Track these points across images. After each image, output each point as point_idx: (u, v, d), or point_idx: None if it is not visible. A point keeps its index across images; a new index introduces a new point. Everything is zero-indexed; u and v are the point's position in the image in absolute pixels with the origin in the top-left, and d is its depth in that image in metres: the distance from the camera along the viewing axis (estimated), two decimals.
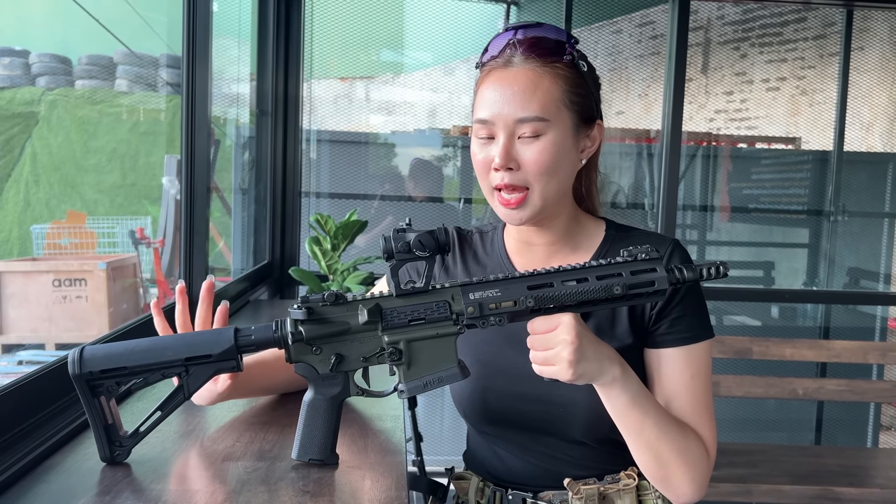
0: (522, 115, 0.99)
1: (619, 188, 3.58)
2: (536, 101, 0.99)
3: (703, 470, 1.02)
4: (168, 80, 9.91)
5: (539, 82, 1.00)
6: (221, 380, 1.03)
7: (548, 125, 1.00)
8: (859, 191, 3.65)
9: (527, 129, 1.00)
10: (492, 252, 1.16)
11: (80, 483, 0.88)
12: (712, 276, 0.94)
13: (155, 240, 6.24)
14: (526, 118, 0.99)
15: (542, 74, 1.01)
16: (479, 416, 1.12)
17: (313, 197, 3.28)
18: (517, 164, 1.00)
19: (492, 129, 1.02)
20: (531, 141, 1.00)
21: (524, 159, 1.00)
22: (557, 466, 1.10)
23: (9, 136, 9.79)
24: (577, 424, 1.06)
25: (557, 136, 1.01)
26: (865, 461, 2.72)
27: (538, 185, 1.01)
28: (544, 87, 1.00)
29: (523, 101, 0.99)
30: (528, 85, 1.00)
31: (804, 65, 4.69)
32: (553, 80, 1.01)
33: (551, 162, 1.00)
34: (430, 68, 4.47)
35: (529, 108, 0.99)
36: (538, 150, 1.00)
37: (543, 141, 1.00)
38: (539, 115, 0.99)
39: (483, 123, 1.02)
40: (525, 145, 1.00)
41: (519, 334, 1.03)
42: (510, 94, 1.00)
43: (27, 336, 4.97)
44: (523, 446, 1.11)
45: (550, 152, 1.00)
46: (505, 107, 1.00)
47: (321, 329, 0.91)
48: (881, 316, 3.64)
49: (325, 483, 0.90)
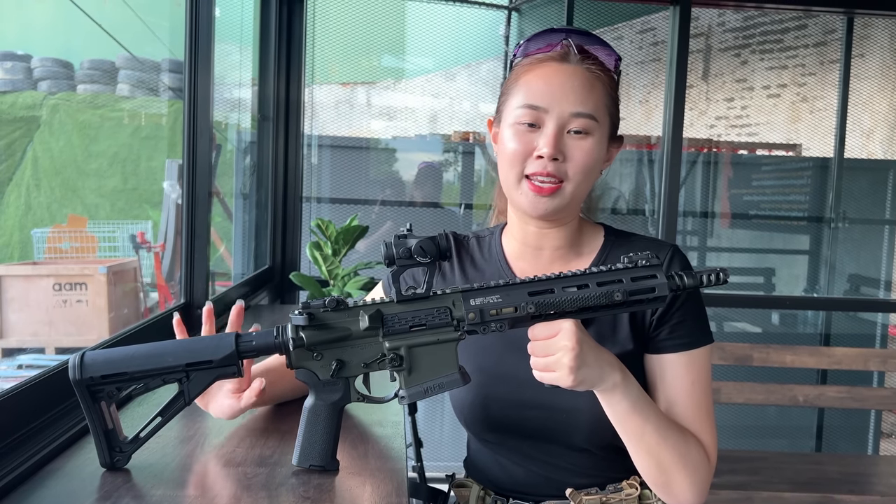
0: (579, 108, 1.01)
1: (619, 194, 3.58)
2: (592, 100, 1.02)
3: (704, 475, 1.03)
4: (170, 85, 9.94)
5: (595, 84, 1.03)
6: (246, 396, 1.01)
7: (596, 126, 1.03)
8: (860, 198, 3.65)
9: (578, 124, 1.02)
10: (490, 257, 1.15)
11: (80, 488, 0.87)
12: (712, 283, 0.95)
13: (156, 244, 6.24)
14: (582, 113, 1.01)
15: (598, 77, 1.04)
16: (481, 425, 1.11)
17: (314, 202, 3.28)
18: (563, 156, 1.02)
19: (541, 117, 1.02)
20: (580, 137, 1.02)
21: (571, 153, 1.02)
22: (559, 475, 1.10)
23: (10, 140, 9.80)
24: (579, 431, 1.06)
25: (599, 140, 1.04)
26: (866, 468, 2.72)
27: (574, 181, 1.03)
28: (599, 89, 1.04)
29: (582, 97, 1.02)
30: (587, 83, 1.03)
31: (805, 72, 4.69)
32: (603, 86, 1.04)
33: (592, 161, 1.03)
34: (431, 74, 4.48)
35: (586, 105, 1.02)
36: (586, 149, 1.02)
37: (590, 140, 1.03)
38: (593, 113, 1.02)
39: (533, 109, 1.02)
40: (573, 140, 1.02)
41: (520, 341, 1.02)
42: (569, 87, 1.02)
43: (27, 340, 4.97)
44: (525, 454, 1.11)
45: (594, 153, 1.03)
46: (563, 98, 1.01)
47: (322, 335, 0.91)
48: (882, 323, 3.63)
49: (326, 489, 0.90)
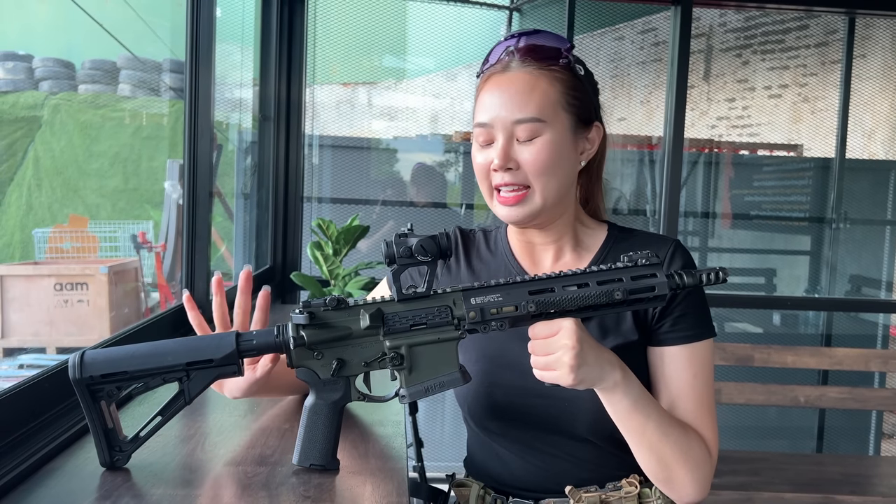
0: (519, 115, 1.01)
1: (620, 194, 3.58)
2: (533, 102, 1.01)
3: (706, 470, 1.03)
4: (171, 85, 9.95)
5: (536, 84, 1.02)
6: (261, 365, 1.00)
7: (545, 126, 1.01)
8: (861, 198, 3.64)
9: (524, 130, 1.01)
10: (496, 251, 1.16)
11: (80, 487, 0.87)
12: (711, 282, 0.95)
13: (157, 244, 6.25)
14: (523, 119, 1.01)
15: (539, 77, 1.02)
16: (484, 412, 1.11)
17: (315, 202, 3.28)
18: (516, 163, 1.02)
19: (490, 133, 1.03)
20: (529, 142, 1.01)
21: (523, 159, 1.02)
22: (560, 468, 1.10)
23: (12, 140, 9.81)
24: (582, 420, 1.06)
25: (555, 137, 1.02)
26: (867, 469, 2.72)
27: (538, 184, 1.02)
28: (541, 88, 1.02)
29: (520, 103, 1.01)
30: (525, 87, 1.01)
31: (806, 72, 4.69)
32: (550, 83, 1.02)
33: (549, 161, 1.01)
34: (432, 74, 4.48)
35: (526, 110, 1.01)
36: (536, 150, 1.01)
37: (540, 141, 1.01)
38: (536, 115, 1.01)
39: (482, 127, 1.04)
40: (523, 146, 1.02)
41: (524, 329, 1.03)
42: (507, 96, 1.02)
43: (28, 340, 4.98)
44: (527, 445, 1.11)
45: (548, 152, 1.01)
46: (502, 109, 1.01)
47: (323, 334, 0.91)
48: (883, 323, 3.63)
49: (326, 488, 0.89)
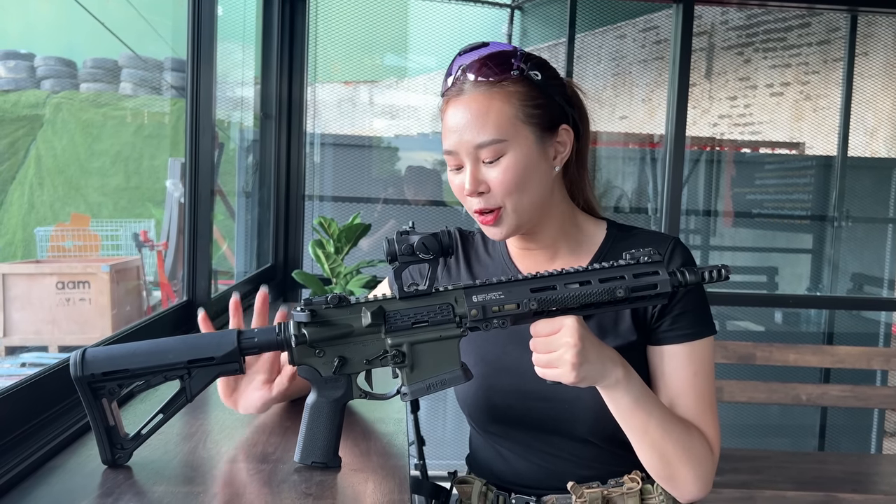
0: (479, 140, 1.00)
1: (622, 192, 3.58)
2: (490, 123, 1.00)
3: (708, 467, 1.03)
4: (172, 84, 9.95)
5: (490, 105, 1.01)
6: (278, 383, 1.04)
7: (507, 145, 1.00)
8: (863, 196, 3.64)
9: (487, 153, 1.00)
10: (494, 253, 1.17)
11: (81, 485, 0.88)
12: (714, 280, 0.95)
13: (158, 242, 6.26)
14: (483, 143, 1.00)
15: (492, 96, 1.01)
16: (484, 416, 1.12)
17: (317, 200, 3.28)
18: (486, 186, 1.01)
19: (458, 159, 1.03)
20: (493, 164, 1.01)
21: (491, 182, 1.01)
22: (562, 466, 1.10)
23: (13, 139, 9.82)
24: (582, 422, 1.06)
25: (519, 153, 1.01)
26: (869, 467, 2.71)
27: (509, 202, 1.02)
28: (496, 108, 1.01)
29: (478, 127, 1.00)
30: (480, 109, 1.01)
31: (808, 70, 4.68)
32: (504, 99, 1.01)
33: (517, 179, 1.01)
34: (433, 72, 4.47)
35: (485, 133, 1.00)
36: (502, 171, 1.01)
37: (505, 161, 1.01)
38: (495, 137, 1.00)
39: (449, 154, 1.04)
40: (490, 168, 1.01)
41: (523, 333, 1.03)
42: (465, 121, 1.01)
43: (30, 338, 4.99)
44: (528, 446, 1.11)
45: (514, 170, 1.01)
46: (463, 135, 1.01)
47: (324, 331, 0.91)
48: (885, 322, 3.63)
49: (328, 486, 0.90)
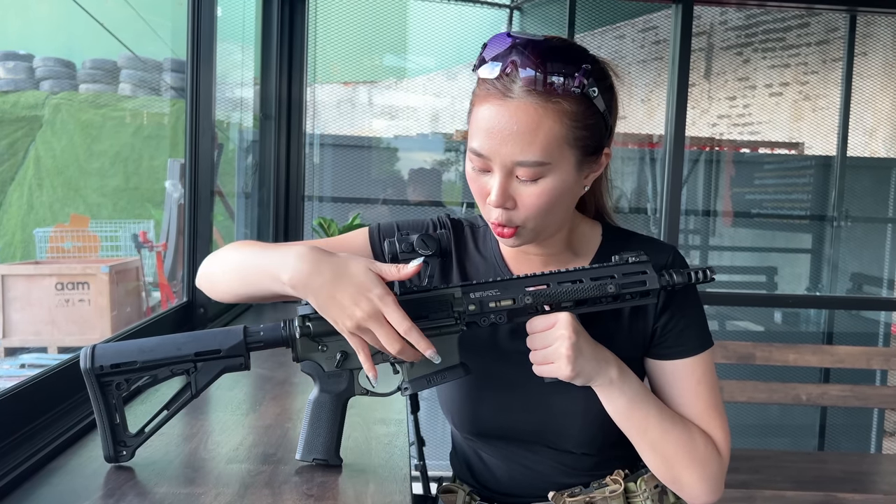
0: (521, 158, 0.90)
1: (621, 193, 3.58)
2: (538, 144, 0.89)
3: (715, 469, 1.02)
4: (172, 85, 9.94)
5: (541, 122, 0.89)
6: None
7: (548, 168, 0.91)
8: (862, 196, 3.64)
9: (525, 172, 0.91)
10: (486, 251, 1.12)
11: (84, 485, 0.88)
12: (700, 281, 0.99)
13: (158, 243, 6.25)
14: (525, 162, 0.90)
15: (546, 111, 0.89)
16: (468, 425, 1.10)
17: (316, 201, 3.28)
18: (513, 203, 0.93)
19: (487, 164, 0.93)
20: (530, 183, 0.92)
21: (521, 200, 0.93)
22: (545, 474, 1.09)
23: (13, 140, 9.81)
24: (567, 434, 1.05)
25: (558, 178, 0.93)
26: (869, 467, 2.72)
27: (532, 223, 0.95)
28: (546, 127, 0.89)
29: (522, 144, 0.89)
30: (529, 124, 0.89)
31: (807, 70, 4.69)
32: (556, 119, 0.90)
33: (549, 204, 0.93)
34: (432, 73, 4.47)
35: (529, 152, 0.90)
36: (536, 194, 0.92)
37: (542, 184, 0.92)
38: (540, 159, 0.90)
39: (479, 156, 0.93)
40: (523, 186, 0.92)
41: (509, 345, 1.03)
42: (508, 133, 0.89)
43: (30, 339, 4.98)
44: (511, 454, 1.10)
45: (549, 195, 0.93)
46: (503, 146, 0.90)
47: (328, 325, 0.92)
48: (885, 321, 3.63)
49: (329, 486, 0.90)
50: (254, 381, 1.37)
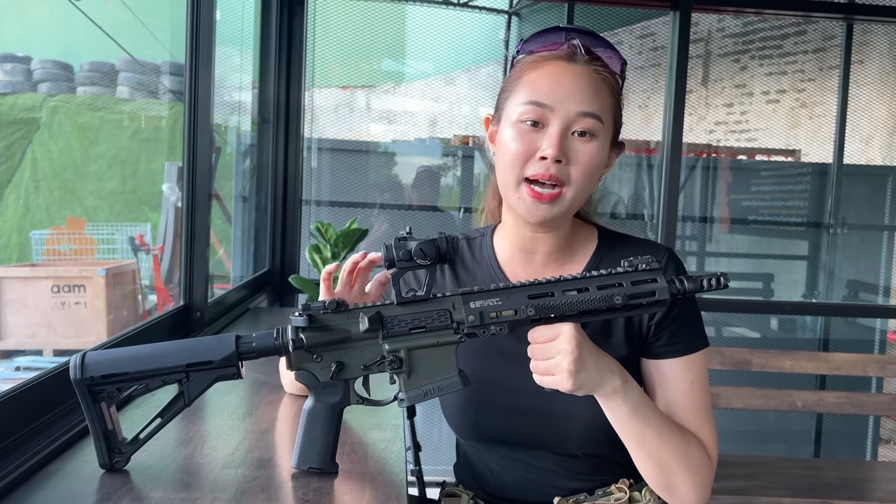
0: (586, 108, 0.99)
1: (618, 199, 3.58)
2: (599, 101, 1.00)
3: (706, 475, 1.02)
4: (170, 88, 9.94)
5: (602, 86, 1.01)
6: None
7: (601, 128, 1.00)
8: (859, 203, 3.65)
9: (584, 125, 0.99)
10: (481, 259, 1.13)
11: (79, 490, 0.87)
12: (713, 288, 0.94)
13: (154, 246, 6.24)
14: (589, 113, 0.99)
15: (605, 80, 1.02)
16: (472, 432, 1.11)
17: (314, 205, 3.28)
18: (567, 158, 0.99)
19: (545, 116, 0.99)
20: (585, 140, 1.00)
21: (574, 156, 0.99)
22: (550, 479, 1.09)
23: (10, 142, 9.80)
24: (571, 438, 1.05)
25: (603, 143, 1.01)
26: (865, 474, 2.72)
27: (577, 185, 1.00)
28: (605, 92, 1.01)
29: (589, 97, 0.99)
30: (594, 84, 1.00)
31: (804, 77, 4.70)
32: (609, 90, 1.02)
33: (596, 166, 1.01)
34: (430, 78, 4.48)
35: (593, 105, 0.99)
36: (590, 151, 1.00)
37: (595, 143, 1.00)
38: (599, 114, 1.00)
39: (538, 106, 0.99)
40: (578, 143, 1.00)
41: (510, 348, 1.03)
42: (577, 87, 0.99)
43: (25, 342, 4.96)
44: (516, 459, 1.10)
45: (598, 156, 1.00)
46: (569, 97, 0.99)
47: (322, 336, 0.91)
48: (880, 328, 3.64)
49: (325, 492, 0.89)
50: (250, 385, 1.36)
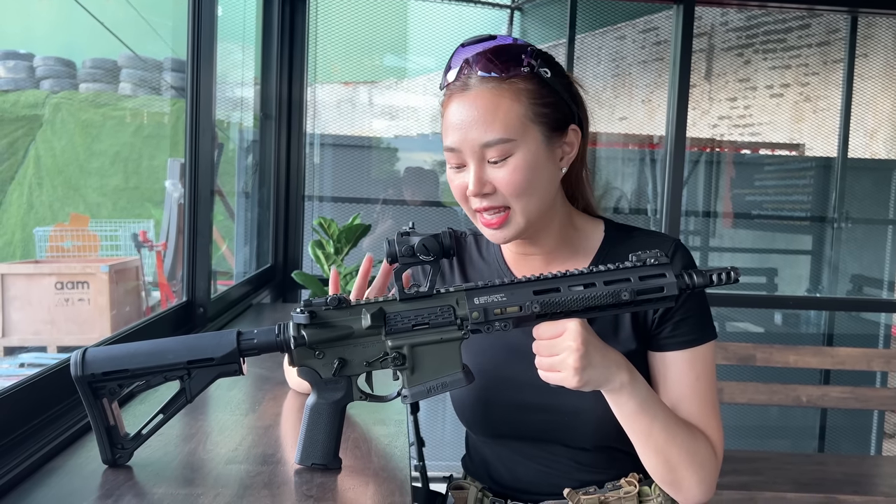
0: (486, 139, 0.96)
1: (622, 194, 3.58)
2: (499, 122, 0.96)
3: (712, 471, 1.02)
4: (172, 84, 9.95)
5: (499, 102, 0.96)
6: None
7: (515, 145, 0.96)
8: (863, 198, 3.64)
9: (494, 152, 0.96)
10: (488, 257, 1.14)
11: (82, 486, 0.87)
12: (723, 282, 0.93)
13: (157, 243, 6.25)
14: (490, 142, 0.96)
15: (501, 93, 0.96)
16: (483, 427, 1.11)
17: (316, 201, 3.28)
18: (492, 186, 0.98)
19: (460, 157, 0.99)
20: (500, 164, 0.97)
21: (498, 183, 0.97)
22: (560, 471, 1.10)
23: (13, 139, 9.82)
24: (582, 433, 1.05)
25: (528, 154, 0.97)
26: (869, 469, 2.71)
27: (518, 204, 0.98)
28: (505, 106, 0.96)
29: (485, 125, 0.96)
30: (488, 107, 0.96)
31: (808, 71, 4.68)
32: (514, 97, 0.97)
33: (525, 181, 0.97)
34: (433, 73, 4.47)
35: (492, 131, 0.96)
36: (510, 172, 0.97)
37: (513, 161, 0.97)
38: (503, 136, 0.96)
39: (451, 151, 0.99)
40: (496, 169, 0.97)
41: (519, 344, 1.02)
42: (471, 118, 0.96)
43: (29, 339, 4.98)
44: (526, 453, 1.11)
45: (522, 171, 0.97)
46: (468, 132, 0.96)
47: (324, 333, 0.91)
48: (885, 323, 3.62)
49: (328, 488, 0.89)
50: (252, 381, 1.36)
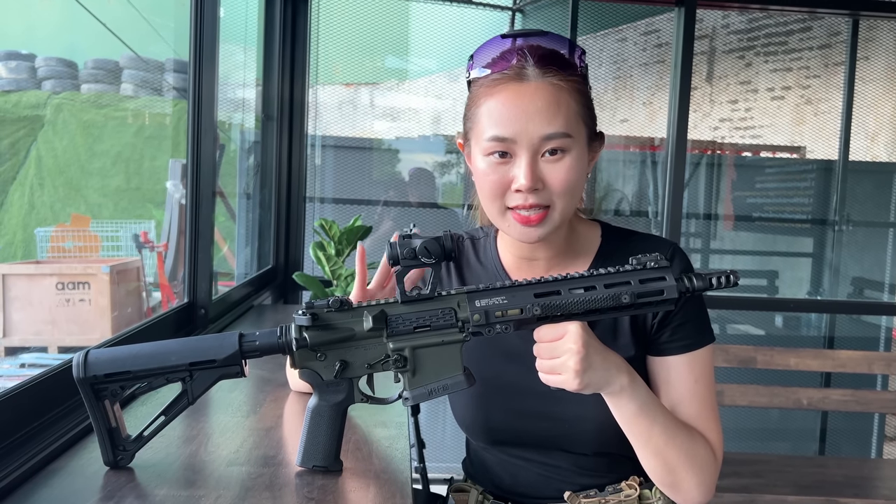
0: (548, 130, 0.95)
1: (623, 196, 3.58)
2: (561, 116, 0.95)
3: (711, 473, 1.02)
4: (174, 85, 9.95)
5: (560, 97, 0.96)
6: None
7: (573, 142, 0.96)
8: (864, 200, 3.64)
9: (552, 144, 0.95)
10: (486, 260, 1.13)
11: (83, 487, 0.87)
12: (722, 286, 0.93)
13: (159, 244, 6.25)
14: (552, 134, 0.95)
15: (562, 88, 0.96)
16: (483, 434, 1.11)
17: (317, 202, 3.28)
18: (543, 183, 0.96)
19: (511, 147, 0.96)
20: (556, 159, 0.96)
21: (550, 178, 0.96)
22: (561, 476, 1.10)
23: (14, 140, 9.82)
24: (583, 440, 1.05)
25: (580, 153, 0.98)
26: (870, 472, 2.71)
27: (561, 203, 0.98)
28: (565, 102, 0.96)
29: (549, 117, 0.95)
30: (551, 100, 0.95)
31: (809, 74, 4.68)
32: (571, 95, 0.97)
33: (575, 180, 0.97)
34: (434, 75, 4.47)
35: (555, 124, 0.95)
36: (565, 169, 0.96)
37: (568, 159, 0.96)
38: (565, 131, 0.95)
39: (500, 142, 0.96)
40: (550, 164, 0.96)
41: (520, 352, 1.02)
42: (533, 109, 0.95)
43: (30, 339, 4.98)
44: (527, 459, 1.11)
45: (575, 170, 0.97)
46: (529, 124, 0.95)
47: (326, 335, 0.91)
48: (886, 326, 3.62)
49: (330, 490, 0.89)
50: (254, 383, 1.36)
